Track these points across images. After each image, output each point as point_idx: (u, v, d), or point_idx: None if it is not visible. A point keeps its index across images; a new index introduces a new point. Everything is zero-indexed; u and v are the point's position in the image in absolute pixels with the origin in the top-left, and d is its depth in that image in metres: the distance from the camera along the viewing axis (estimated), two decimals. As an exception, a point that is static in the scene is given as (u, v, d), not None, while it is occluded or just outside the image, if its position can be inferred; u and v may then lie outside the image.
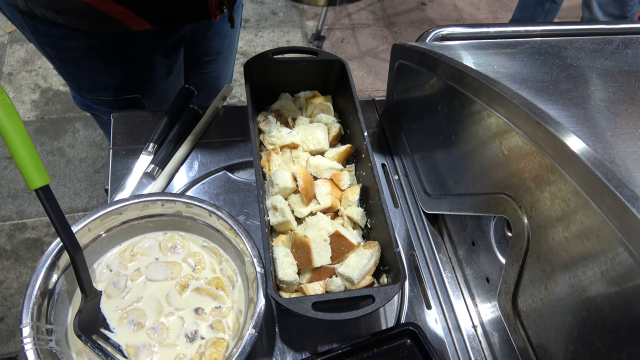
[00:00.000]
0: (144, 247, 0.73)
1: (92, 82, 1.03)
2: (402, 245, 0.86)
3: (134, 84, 1.04)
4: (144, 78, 1.04)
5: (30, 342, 0.56)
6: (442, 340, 0.76)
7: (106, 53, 0.95)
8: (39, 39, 0.92)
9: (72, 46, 0.92)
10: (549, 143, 0.52)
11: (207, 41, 1.17)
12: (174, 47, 1.03)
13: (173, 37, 1.00)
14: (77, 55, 0.95)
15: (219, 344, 0.65)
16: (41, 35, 0.91)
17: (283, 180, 0.74)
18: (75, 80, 1.03)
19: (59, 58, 0.97)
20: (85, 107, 1.11)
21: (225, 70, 1.33)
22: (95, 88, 1.04)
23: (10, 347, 1.65)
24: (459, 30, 0.90)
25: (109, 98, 1.05)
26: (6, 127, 0.55)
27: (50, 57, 0.98)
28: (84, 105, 1.11)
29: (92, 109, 1.11)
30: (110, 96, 1.04)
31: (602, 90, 0.64)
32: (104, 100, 1.06)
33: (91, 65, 0.98)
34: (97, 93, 1.05)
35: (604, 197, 0.45)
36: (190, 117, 0.94)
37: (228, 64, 1.32)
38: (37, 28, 0.89)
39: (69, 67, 0.99)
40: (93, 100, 1.07)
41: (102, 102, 1.07)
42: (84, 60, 0.96)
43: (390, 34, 3.04)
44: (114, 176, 0.86)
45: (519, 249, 0.59)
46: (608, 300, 0.46)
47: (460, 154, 0.73)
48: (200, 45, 1.17)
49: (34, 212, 1.97)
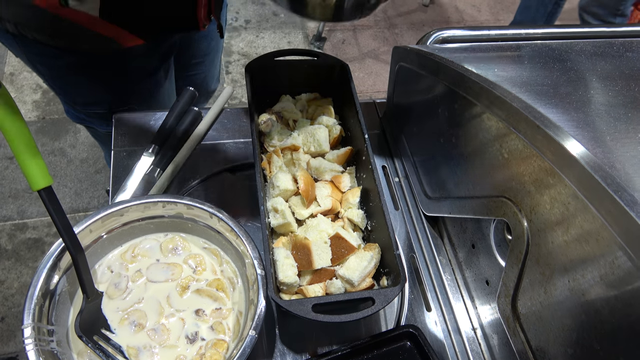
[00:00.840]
0: (145, 248, 0.73)
1: (85, 97, 1.02)
2: (402, 248, 0.86)
3: (127, 96, 1.04)
4: (137, 90, 1.04)
5: (31, 342, 0.56)
6: (442, 343, 0.76)
7: (98, 69, 0.95)
8: (29, 57, 0.92)
9: (63, 64, 0.92)
10: (548, 147, 0.52)
11: (195, 44, 1.18)
12: (165, 57, 1.04)
13: (163, 48, 1.00)
14: (69, 72, 0.94)
15: (219, 345, 0.65)
16: (31, 54, 0.90)
17: (284, 182, 0.74)
18: (69, 96, 1.03)
19: (51, 75, 0.96)
20: (80, 121, 1.10)
21: (212, 71, 1.33)
22: (89, 102, 1.03)
23: (10, 347, 1.65)
24: (460, 33, 0.91)
25: (104, 111, 1.04)
26: (10, 128, 0.55)
27: (42, 74, 0.97)
28: (78, 119, 1.09)
29: (87, 122, 1.11)
30: (105, 109, 1.04)
31: (602, 94, 0.64)
32: (98, 113, 1.06)
33: (84, 81, 0.97)
34: (91, 107, 1.04)
35: (603, 201, 0.45)
36: (192, 118, 0.94)
37: (215, 65, 1.33)
38: (28, 48, 0.88)
39: (62, 83, 0.99)
40: (87, 114, 1.07)
41: (97, 115, 1.06)
42: (76, 77, 0.96)
43: (391, 36, 3.04)
44: (115, 177, 0.86)
45: (519, 252, 0.59)
46: (607, 304, 0.46)
47: (460, 156, 0.73)
48: (188, 50, 1.17)
49: (35, 212, 1.98)
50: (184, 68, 1.22)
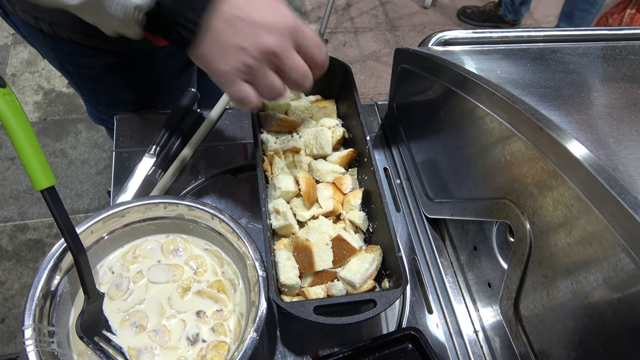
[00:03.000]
0: (146, 249, 0.73)
1: (111, 98, 1.02)
2: (404, 250, 0.86)
3: (153, 97, 1.04)
4: (163, 91, 1.04)
5: (32, 344, 0.56)
6: (444, 345, 0.76)
7: (128, 70, 0.96)
8: (59, 56, 0.92)
9: (94, 64, 0.92)
10: (551, 149, 0.52)
11: None
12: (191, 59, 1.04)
13: None
14: (98, 72, 0.95)
15: (220, 347, 0.65)
16: (62, 53, 0.91)
17: (285, 184, 0.74)
18: (94, 96, 1.03)
19: (80, 75, 0.97)
20: (102, 122, 1.11)
21: None
22: (114, 103, 1.04)
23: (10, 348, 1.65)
24: (462, 35, 0.91)
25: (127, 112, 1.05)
26: (14, 128, 0.55)
27: (70, 74, 0.98)
28: (100, 120, 1.10)
29: (109, 123, 1.11)
30: (129, 110, 1.04)
31: (605, 97, 0.64)
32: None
33: (112, 82, 0.98)
34: (115, 108, 1.05)
35: (606, 203, 0.45)
36: (194, 119, 0.94)
37: None
38: (59, 46, 0.89)
39: (90, 83, 0.99)
40: (110, 115, 1.07)
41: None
42: (105, 77, 0.96)
43: (393, 38, 3.04)
44: (116, 178, 0.86)
45: (521, 254, 0.59)
46: (610, 307, 0.46)
47: (462, 158, 0.73)
48: None
49: (36, 213, 1.98)
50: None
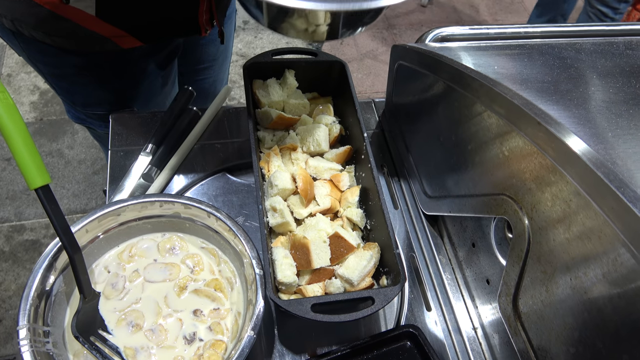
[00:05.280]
0: (142, 248, 0.73)
1: (86, 98, 1.01)
2: (402, 247, 0.85)
3: (128, 97, 1.03)
4: (138, 92, 1.03)
5: (27, 344, 0.56)
6: (442, 342, 0.76)
7: (99, 70, 0.94)
8: (30, 55, 0.91)
9: (64, 64, 0.91)
10: (549, 144, 0.52)
11: (202, 49, 1.16)
12: (168, 60, 1.02)
13: (165, 51, 0.99)
14: (69, 72, 0.93)
15: (217, 345, 0.64)
16: (32, 52, 0.89)
17: (282, 182, 0.73)
18: (69, 96, 1.02)
19: (52, 74, 0.95)
20: (80, 121, 1.09)
21: (221, 76, 1.32)
22: (90, 103, 1.03)
23: (7, 350, 1.64)
24: (459, 31, 0.90)
25: (104, 112, 1.03)
26: (7, 126, 0.55)
27: (43, 73, 0.96)
28: (78, 119, 1.09)
29: (87, 123, 1.10)
30: (105, 110, 1.03)
31: (603, 91, 0.64)
32: (98, 114, 1.05)
33: (84, 82, 0.96)
34: (92, 108, 1.04)
35: (605, 197, 0.45)
36: (190, 118, 0.94)
37: (224, 69, 1.31)
38: (28, 46, 0.87)
39: (62, 83, 0.98)
40: (87, 115, 1.06)
41: (96, 116, 1.06)
42: (77, 77, 0.95)
43: (390, 36, 3.04)
44: (112, 177, 0.86)
45: (520, 250, 0.59)
46: (610, 302, 0.46)
47: (460, 155, 0.73)
48: (194, 54, 1.15)
49: (32, 214, 1.97)
50: (191, 72, 1.21)
